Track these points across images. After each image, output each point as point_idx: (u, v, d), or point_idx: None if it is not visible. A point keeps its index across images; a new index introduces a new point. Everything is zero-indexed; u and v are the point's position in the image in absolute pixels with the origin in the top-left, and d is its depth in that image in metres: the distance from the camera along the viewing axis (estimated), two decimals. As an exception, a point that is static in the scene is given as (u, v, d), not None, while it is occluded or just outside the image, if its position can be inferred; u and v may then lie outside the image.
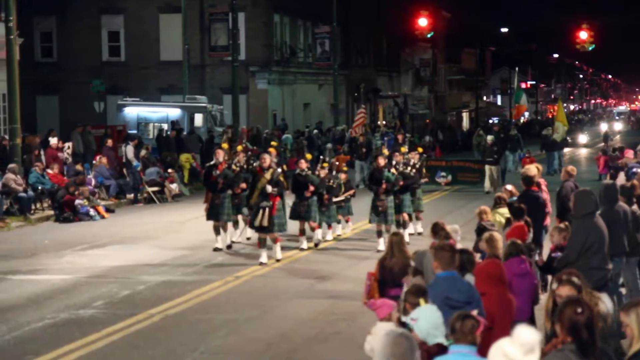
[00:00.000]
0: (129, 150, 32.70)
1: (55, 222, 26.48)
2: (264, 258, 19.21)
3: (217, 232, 20.93)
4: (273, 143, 27.68)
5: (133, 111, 42.30)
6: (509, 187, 17.72)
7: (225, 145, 23.25)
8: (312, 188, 21.01)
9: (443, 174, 34.86)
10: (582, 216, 11.83)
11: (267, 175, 19.29)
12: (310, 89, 55.96)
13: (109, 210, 28.28)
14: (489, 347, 8.83)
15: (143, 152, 33.04)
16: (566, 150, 47.12)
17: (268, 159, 19.76)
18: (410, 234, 21.84)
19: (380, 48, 69.43)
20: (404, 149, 24.19)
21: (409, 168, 22.44)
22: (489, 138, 36.90)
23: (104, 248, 21.90)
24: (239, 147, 23.16)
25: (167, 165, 33.99)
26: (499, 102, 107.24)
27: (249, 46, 48.83)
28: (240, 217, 22.07)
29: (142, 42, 48.59)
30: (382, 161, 21.37)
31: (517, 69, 44.18)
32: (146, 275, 18.33)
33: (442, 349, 7.70)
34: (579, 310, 6.62)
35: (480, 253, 12.40)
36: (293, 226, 21.35)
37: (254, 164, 21.52)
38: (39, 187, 27.73)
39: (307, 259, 20.24)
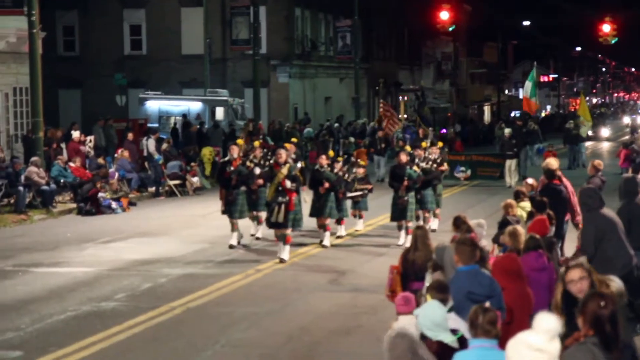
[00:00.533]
0: (150, 143, 32.81)
1: (78, 215, 26.61)
2: (283, 254, 19.00)
3: (233, 228, 20.71)
4: (293, 140, 27.26)
5: (154, 105, 42.45)
6: (530, 180, 17.66)
7: (240, 141, 22.94)
8: (326, 184, 20.71)
9: (462, 168, 34.72)
10: (588, 211, 11.94)
11: (284, 171, 19.04)
12: (332, 82, 55.93)
13: (130, 203, 28.40)
14: (506, 340, 8.83)
15: (165, 146, 33.14)
16: (588, 144, 46.85)
17: (284, 155, 19.48)
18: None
19: (402, 41, 69.31)
20: (425, 144, 23.83)
21: (430, 163, 22.17)
22: (507, 131, 36.47)
23: (126, 241, 21.99)
24: (256, 143, 22.92)
25: (189, 158, 34.08)
26: (521, 96, 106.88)
27: (270, 40, 48.86)
28: (257, 214, 21.67)
29: (163, 36, 48.71)
30: (404, 157, 21.05)
31: (535, 62, 43.67)
32: (167, 268, 18.40)
33: (442, 347, 7.68)
34: (603, 303, 6.57)
35: (502, 246, 12.38)
36: (311, 223, 21.24)
37: (271, 160, 21.12)
38: (62, 180, 27.86)
39: (324, 255, 20.21)
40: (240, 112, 43.67)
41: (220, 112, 42.59)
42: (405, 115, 57.69)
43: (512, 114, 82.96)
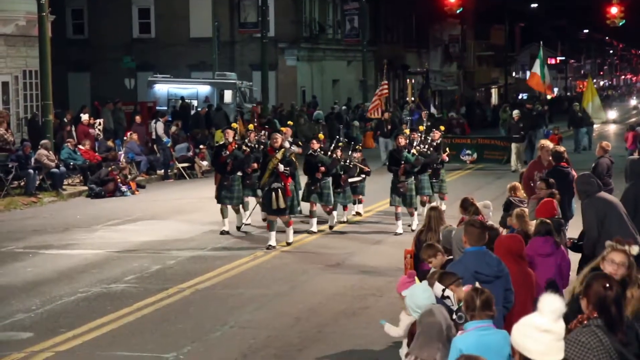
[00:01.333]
0: (159, 126, 32.94)
1: (87, 197, 26.77)
2: (272, 241, 18.56)
3: (224, 215, 20.19)
4: (289, 123, 26.26)
5: (163, 88, 42.58)
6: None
7: (235, 125, 22.26)
8: (322, 169, 20.29)
9: (468, 152, 34.25)
10: (587, 197, 11.94)
11: (279, 155, 18.51)
12: (339, 65, 55.93)
13: (139, 186, 28.55)
14: (510, 322, 8.93)
15: (173, 129, 33.26)
16: (595, 126, 46.52)
17: (279, 139, 18.95)
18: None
19: (409, 24, 69.20)
20: (422, 127, 23.35)
21: (426, 147, 21.47)
22: (515, 113, 35.68)
23: (135, 223, 22.14)
24: (250, 126, 22.42)
25: (197, 142, 34.20)
26: (528, 78, 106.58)
27: (278, 23, 48.87)
28: (248, 199, 21.26)
29: (172, 19, 48.75)
30: (402, 141, 20.57)
31: (541, 42, 43.10)
32: (176, 250, 18.54)
33: None
34: (607, 285, 6.49)
35: (509, 228, 12.47)
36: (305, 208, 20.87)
37: (265, 144, 20.61)
38: (71, 163, 28.03)
39: (330, 238, 20.33)
40: (249, 95, 43.78)
41: (228, 95, 42.70)
42: (412, 98, 57.66)
43: (520, 97, 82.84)
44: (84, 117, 31.78)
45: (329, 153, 20.86)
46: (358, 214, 22.81)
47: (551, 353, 5.42)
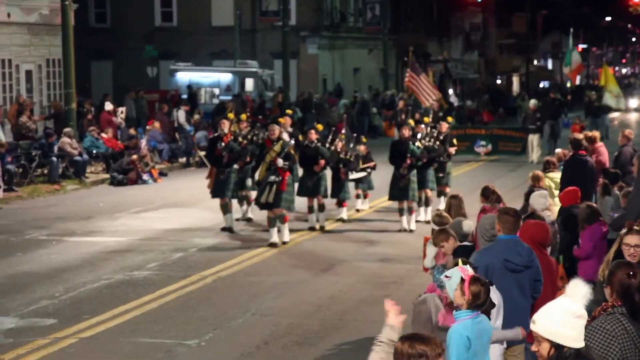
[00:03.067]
0: (181, 114, 33.06)
1: (110, 185, 26.93)
2: (274, 238, 17.61)
3: (224, 210, 19.18)
4: (288, 112, 24.16)
5: (185, 76, 42.66)
6: (558, 150, 17.74)
7: (231, 115, 20.73)
8: (322, 162, 19.18)
9: (483, 142, 32.81)
10: None
11: (276, 148, 17.44)
12: (360, 53, 55.86)
13: (161, 174, 28.70)
14: (534, 310, 8.93)
15: (195, 117, 33.37)
16: (614, 115, 45.76)
17: (277, 130, 17.86)
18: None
19: (431, 12, 68.99)
20: (427, 119, 22.08)
21: (433, 140, 20.38)
22: (532, 103, 34.39)
23: (157, 211, 22.26)
24: (243, 116, 20.88)
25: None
26: (550, 66, 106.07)
27: (300, 11, 48.85)
28: (245, 193, 20.24)
29: (194, 7, 48.80)
30: (406, 132, 19.32)
31: (571, 30, 42.03)
32: (198, 238, 18.65)
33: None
34: (631, 273, 6.48)
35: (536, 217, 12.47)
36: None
37: (261, 136, 19.55)
38: (94, 151, 28.21)
39: (339, 232, 20.36)
40: (270, 84, 43.83)
41: (249, 84, 42.76)
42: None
43: (541, 85, 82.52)
44: (108, 105, 31.92)
45: (327, 145, 19.83)
46: (357, 210, 21.71)
47: (581, 338, 5.41)
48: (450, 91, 51.10)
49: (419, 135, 20.08)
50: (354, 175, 20.85)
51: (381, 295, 14.17)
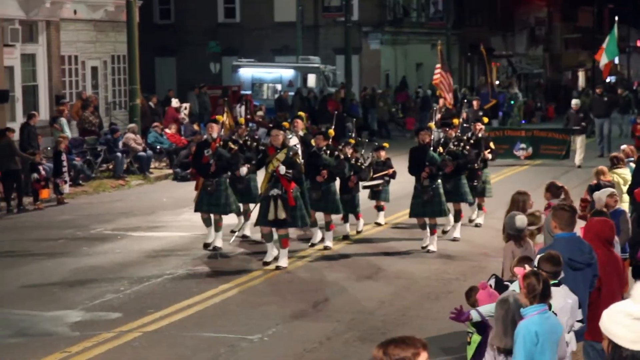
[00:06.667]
0: (244, 111, 33.18)
1: (173, 180, 27.13)
2: (269, 256, 15.77)
3: (207, 223, 17.01)
4: (300, 114, 21.03)
5: (247, 72, 42.85)
6: (623, 146, 17.47)
7: (220, 117, 18.20)
8: (324, 173, 16.86)
9: (523, 145, 29.69)
10: None
11: (280, 156, 15.28)
12: (423, 49, 55.61)
13: (224, 169, 28.81)
14: (599, 307, 8.82)
15: (259, 113, 33.47)
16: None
17: (280, 136, 15.59)
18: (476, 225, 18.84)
19: (494, 7, 68.46)
20: (457, 120, 18.84)
21: (462, 144, 17.70)
22: (574, 103, 31.13)
23: (220, 206, 22.30)
24: (241, 120, 18.76)
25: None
26: (616, 61, 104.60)
27: (362, 6, 48.77)
28: (244, 207, 17.87)
29: (256, 3, 48.97)
30: (426, 137, 16.68)
31: (616, 18, 40.29)
32: (260, 233, 18.62)
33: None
34: None
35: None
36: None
37: (261, 142, 17.61)
38: (158, 147, 28.45)
39: (400, 228, 20.25)
40: (332, 79, 43.83)
41: (312, 79, 42.81)
42: (497, 82, 57.08)
43: (607, 80, 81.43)
44: (174, 101, 32.14)
45: (336, 153, 17.32)
46: (377, 224, 19.12)
47: (638, 341, 5.33)
48: (515, 87, 50.58)
49: (441, 140, 17.66)
50: (367, 183, 18.60)
51: (444, 292, 14.11)
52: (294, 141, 17.42)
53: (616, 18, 37.01)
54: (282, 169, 15.23)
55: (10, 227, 20.05)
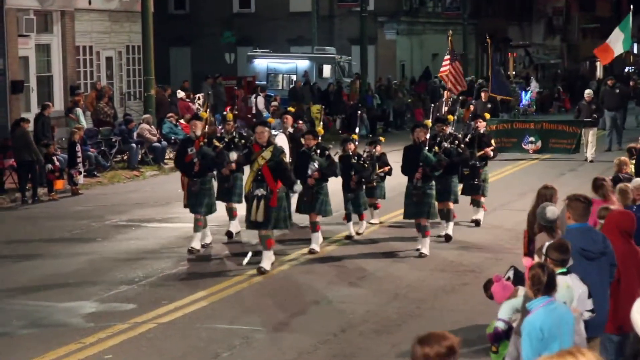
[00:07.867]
0: (259, 101, 33.14)
1: (188, 171, 27.06)
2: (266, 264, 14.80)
3: (196, 229, 16.30)
4: (290, 109, 20.32)
5: (262, 62, 42.80)
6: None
7: (204, 114, 17.65)
8: (315, 175, 16.07)
9: (532, 139, 28.73)
10: None
11: (265, 155, 14.58)
12: (439, 39, 55.30)
13: (239, 160, 28.76)
14: (618, 299, 8.75)
15: (274, 104, 33.40)
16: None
17: (266, 133, 14.72)
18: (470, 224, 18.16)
19: (511, -4, 68.18)
20: (451, 117, 17.65)
21: (456, 142, 16.68)
22: (587, 93, 29.96)
23: (235, 197, 22.26)
24: (229, 115, 17.89)
25: (295, 116, 34.17)
26: (635, 51, 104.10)
27: (378, -4, 48.67)
28: (230, 206, 17.34)
29: (271, -7, 48.95)
30: (421, 135, 15.86)
31: (631, 6, 39.31)
32: (276, 225, 18.58)
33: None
34: None
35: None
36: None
37: (249, 139, 16.36)
38: (172, 138, 28.40)
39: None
40: (348, 70, 43.73)
41: (327, 70, 42.74)
42: (514, 72, 56.84)
43: (625, 70, 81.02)
44: (180, 93, 32.08)
45: (326, 152, 16.37)
46: (370, 224, 18.31)
47: None
48: (532, 79, 50.36)
49: (437, 138, 16.43)
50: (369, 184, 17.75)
51: (459, 284, 14.04)
52: (280, 138, 16.93)
53: (631, 7, 35.67)
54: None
55: (24, 217, 20.07)
